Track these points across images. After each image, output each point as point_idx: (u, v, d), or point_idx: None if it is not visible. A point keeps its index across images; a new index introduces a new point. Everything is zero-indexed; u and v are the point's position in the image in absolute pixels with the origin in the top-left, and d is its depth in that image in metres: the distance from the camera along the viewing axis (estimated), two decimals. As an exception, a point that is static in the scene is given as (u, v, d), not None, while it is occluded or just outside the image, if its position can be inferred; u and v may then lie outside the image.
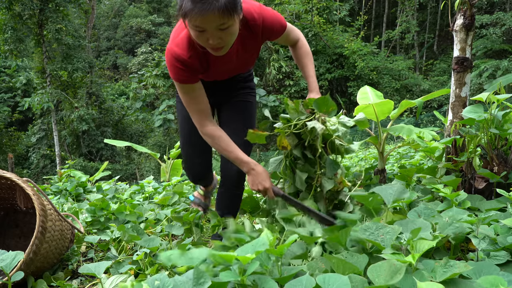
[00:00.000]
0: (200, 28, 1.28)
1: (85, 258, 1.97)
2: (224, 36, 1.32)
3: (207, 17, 1.23)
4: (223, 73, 1.74)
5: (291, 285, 0.90)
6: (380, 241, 1.09)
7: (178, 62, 1.47)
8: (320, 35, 18.90)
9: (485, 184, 1.94)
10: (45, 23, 15.77)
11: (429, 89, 18.92)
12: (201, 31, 1.29)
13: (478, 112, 1.97)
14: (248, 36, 1.55)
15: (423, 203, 1.74)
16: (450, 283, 0.90)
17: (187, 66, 1.48)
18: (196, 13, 1.22)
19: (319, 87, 19.35)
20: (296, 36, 1.76)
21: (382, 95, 3.24)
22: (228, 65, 1.64)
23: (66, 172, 4.36)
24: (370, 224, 1.16)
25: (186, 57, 1.47)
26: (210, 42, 1.32)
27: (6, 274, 1.26)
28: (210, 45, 1.35)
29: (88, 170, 15.35)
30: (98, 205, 2.40)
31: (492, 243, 1.17)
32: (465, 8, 2.25)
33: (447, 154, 2.25)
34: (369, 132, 3.32)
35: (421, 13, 25.58)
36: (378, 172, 2.97)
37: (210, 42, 1.32)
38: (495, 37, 17.29)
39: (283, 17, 1.62)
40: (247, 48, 1.61)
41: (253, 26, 1.51)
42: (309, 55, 1.80)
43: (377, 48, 21.74)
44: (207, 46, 1.37)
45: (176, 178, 3.63)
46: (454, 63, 2.33)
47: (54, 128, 16.67)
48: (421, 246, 1.01)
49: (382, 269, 0.91)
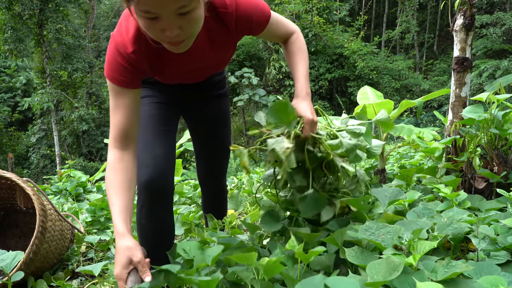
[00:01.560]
0: (151, 14, 0.94)
1: (85, 258, 1.97)
2: (185, 25, 0.99)
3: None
4: (185, 77, 1.38)
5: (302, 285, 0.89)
6: (381, 241, 1.09)
7: (120, 56, 1.12)
8: (320, 35, 18.90)
9: (485, 184, 1.94)
10: (45, 23, 15.76)
11: (429, 89, 18.93)
12: (153, 18, 0.95)
13: (478, 112, 1.97)
14: (218, 28, 1.19)
15: (422, 203, 1.74)
16: (450, 283, 0.90)
17: (130, 63, 1.13)
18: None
19: (319, 87, 19.12)
20: (288, 29, 1.36)
21: (382, 95, 3.24)
22: (189, 65, 1.27)
23: (66, 172, 4.36)
24: (370, 223, 1.15)
25: (130, 51, 1.12)
26: (167, 34, 0.99)
27: (6, 274, 1.26)
28: (167, 38, 1.01)
29: (88, 170, 15.34)
30: (98, 205, 2.40)
31: (492, 243, 1.17)
32: (465, 8, 2.25)
33: (447, 154, 2.25)
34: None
35: (421, 13, 25.58)
36: (378, 172, 2.97)
37: (167, 34, 0.99)
38: (495, 37, 17.28)
39: (267, 5, 1.24)
40: (216, 45, 1.23)
41: (223, 15, 1.16)
42: (302, 52, 1.38)
43: (377, 48, 21.74)
44: (162, 39, 1.03)
45: (176, 178, 3.63)
46: (454, 63, 2.33)
47: (54, 128, 16.66)
48: (421, 247, 1.01)
49: (381, 267, 0.91)
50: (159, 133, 1.38)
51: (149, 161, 1.29)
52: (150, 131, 1.37)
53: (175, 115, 1.52)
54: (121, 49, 1.12)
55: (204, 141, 1.68)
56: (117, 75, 1.14)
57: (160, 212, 1.33)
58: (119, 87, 1.14)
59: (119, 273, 1.02)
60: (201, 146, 1.70)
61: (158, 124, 1.40)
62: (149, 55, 1.16)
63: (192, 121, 1.66)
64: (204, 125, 1.64)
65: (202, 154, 1.71)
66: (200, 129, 1.66)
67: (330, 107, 19.05)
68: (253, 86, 17.51)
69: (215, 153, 1.69)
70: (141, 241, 1.35)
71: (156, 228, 1.33)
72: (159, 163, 1.29)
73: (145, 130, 1.35)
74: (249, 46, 18.73)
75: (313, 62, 19.23)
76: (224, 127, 1.66)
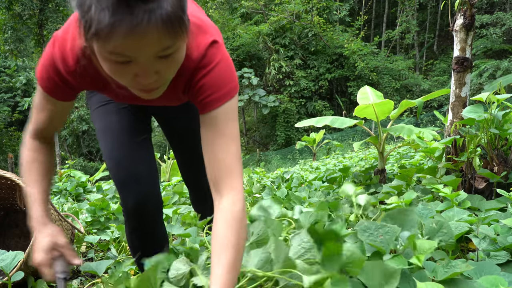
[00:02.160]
0: (124, 57, 0.72)
1: (85, 258, 1.97)
2: (164, 69, 0.78)
3: (143, 39, 0.68)
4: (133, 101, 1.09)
5: None
6: (380, 242, 1.08)
7: (54, 70, 0.92)
8: (320, 35, 18.91)
9: (485, 184, 1.94)
10: (45, 23, 15.77)
11: (429, 89, 18.94)
12: (125, 62, 0.73)
13: (478, 112, 1.97)
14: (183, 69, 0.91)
15: (422, 203, 1.74)
16: (451, 282, 0.90)
17: (64, 81, 0.94)
18: (124, 33, 0.66)
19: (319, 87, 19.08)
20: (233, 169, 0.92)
21: (382, 95, 3.24)
22: (140, 100, 1.02)
23: (66, 172, 4.36)
24: (369, 224, 1.15)
25: (69, 69, 0.91)
26: (141, 81, 0.78)
27: (6, 274, 1.26)
28: (138, 85, 0.80)
29: (88, 170, 15.35)
30: (98, 205, 2.40)
31: (492, 243, 1.17)
32: (465, 8, 2.25)
33: (447, 154, 2.25)
34: (369, 132, 3.32)
35: (421, 13, 25.58)
36: (378, 172, 2.97)
37: (141, 81, 0.78)
38: (495, 37, 17.30)
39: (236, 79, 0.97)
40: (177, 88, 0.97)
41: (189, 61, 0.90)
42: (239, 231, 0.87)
43: (377, 48, 21.76)
44: (132, 86, 0.81)
45: (176, 178, 3.63)
46: (454, 63, 2.34)
47: (54, 128, 16.67)
48: (421, 247, 1.01)
49: (374, 271, 0.89)
50: (135, 147, 1.23)
51: (132, 185, 1.17)
52: (126, 146, 1.21)
53: (146, 118, 1.34)
54: (59, 62, 0.91)
55: (179, 149, 1.52)
56: (47, 83, 0.95)
57: (154, 231, 1.28)
58: (47, 94, 0.98)
59: (42, 259, 0.94)
60: (176, 151, 1.54)
61: (132, 136, 1.24)
62: (93, 80, 0.96)
63: (164, 125, 1.47)
64: (177, 131, 1.46)
65: (178, 158, 1.57)
66: (172, 133, 1.48)
67: (330, 107, 19.07)
68: (253, 86, 17.52)
69: (192, 159, 1.51)
70: (133, 253, 1.31)
71: (152, 246, 1.28)
72: (143, 185, 1.19)
73: (121, 146, 1.21)
74: (249, 46, 18.75)
75: (313, 62, 19.24)
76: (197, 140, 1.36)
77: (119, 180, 1.18)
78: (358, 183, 3.09)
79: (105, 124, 1.24)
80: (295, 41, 18.85)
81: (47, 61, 0.94)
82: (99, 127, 1.25)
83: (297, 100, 18.32)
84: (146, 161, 1.23)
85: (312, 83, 18.61)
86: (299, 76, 18.18)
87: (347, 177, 3.40)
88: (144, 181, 1.19)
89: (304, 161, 10.07)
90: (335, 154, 9.82)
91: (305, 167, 6.69)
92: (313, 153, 8.97)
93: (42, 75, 0.96)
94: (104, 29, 0.66)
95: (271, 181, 4.72)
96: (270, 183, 4.35)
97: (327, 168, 4.89)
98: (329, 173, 3.77)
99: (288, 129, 17.80)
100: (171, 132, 1.47)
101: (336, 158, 7.87)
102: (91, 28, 0.67)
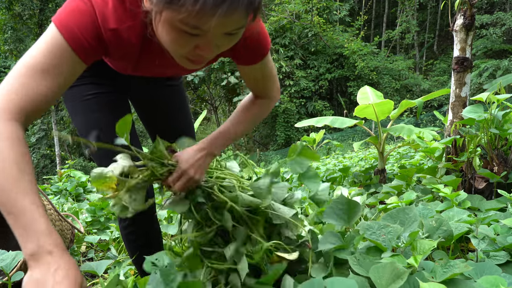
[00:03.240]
0: (196, 30, 0.71)
1: (85, 258, 1.97)
2: (224, 44, 0.79)
3: (227, 18, 0.68)
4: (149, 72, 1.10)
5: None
6: (382, 241, 1.09)
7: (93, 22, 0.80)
8: (320, 35, 18.91)
9: (485, 184, 1.94)
10: (45, 23, 15.76)
11: (429, 89, 18.95)
12: (196, 34, 0.72)
13: (478, 112, 1.97)
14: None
15: (422, 203, 1.74)
16: (450, 283, 0.90)
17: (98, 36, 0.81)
18: (212, 9, 0.66)
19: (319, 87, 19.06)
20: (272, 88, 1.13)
21: (382, 95, 3.25)
22: (167, 68, 1.05)
23: (66, 172, 4.36)
24: (372, 223, 1.15)
25: (108, 27, 0.81)
26: (200, 53, 0.77)
27: (6, 274, 1.26)
28: (195, 56, 0.79)
29: (88, 170, 15.35)
30: (98, 205, 2.40)
31: (492, 243, 1.17)
32: (465, 8, 2.25)
33: (447, 154, 2.25)
34: (369, 132, 3.32)
35: (421, 13, 25.59)
36: (378, 172, 2.97)
37: (200, 53, 0.77)
38: (495, 37, 17.30)
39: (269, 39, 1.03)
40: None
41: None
42: (256, 119, 1.14)
43: (377, 48, 21.76)
44: (185, 55, 0.79)
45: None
46: (454, 63, 2.34)
47: (54, 128, 16.66)
48: (422, 247, 1.01)
49: (384, 271, 0.90)
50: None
51: None
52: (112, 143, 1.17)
53: (128, 109, 1.29)
54: (99, 16, 0.79)
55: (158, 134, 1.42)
56: (77, 30, 0.77)
57: (151, 225, 1.27)
58: (69, 46, 0.77)
59: None
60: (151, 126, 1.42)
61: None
62: (123, 47, 0.87)
63: (143, 111, 1.40)
64: (157, 116, 1.38)
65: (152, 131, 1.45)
66: (152, 120, 1.40)
67: (330, 107, 19.07)
68: (253, 86, 17.51)
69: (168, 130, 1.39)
70: (130, 253, 1.30)
71: (147, 244, 1.27)
72: None
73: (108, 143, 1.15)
74: (249, 46, 18.72)
75: (313, 62, 19.24)
76: (179, 117, 1.39)
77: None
78: (358, 183, 3.09)
79: (90, 121, 1.17)
80: (295, 41, 18.85)
81: (81, 10, 0.78)
82: (83, 122, 1.17)
83: (297, 100, 18.32)
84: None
85: (312, 83, 18.61)
86: (299, 76, 18.18)
87: (347, 177, 3.40)
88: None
89: (304, 161, 10.03)
90: (335, 154, 9.82)
91: (305, 167, 6.66)
92: (313, 153, 8.94)
93: (69, 23, 0.77)
94: (205, 7, 0.65)
95: (271, 181, 4.71)
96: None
97: (327, 168, 4.89)
98: (329, 173, 3.77)
99: (288, 129, 17.79)
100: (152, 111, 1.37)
101: (336, 158, 7.87)
102: (187, 3, 0.65)
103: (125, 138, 0.89)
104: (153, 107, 1.36)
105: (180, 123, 1.40)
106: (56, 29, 0.77)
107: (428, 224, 1.20)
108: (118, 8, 0.81)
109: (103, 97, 1.19)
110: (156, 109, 1.36)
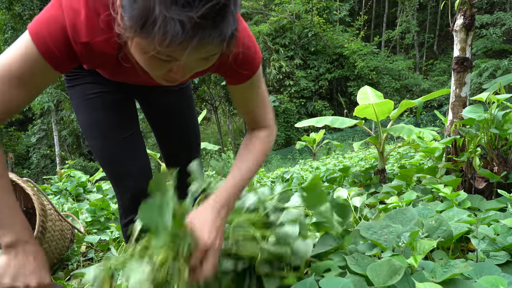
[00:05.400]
0: (171, 58, 0.71)
1: (85, 258, 1.97)
2: (200, 67, 0.78)
3: (199, 51, 0.69)
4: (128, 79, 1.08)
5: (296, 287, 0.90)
6: (383, 241, 1.09)
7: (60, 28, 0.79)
8: (320, 35, 18.91)
9: (485, 184, 1.94)
10: (45, 23, 15.79)
11: (429, 89, 18.95)
12: (170, 61, 0.72)
13: (478, 112, 1.97)
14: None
15: (422, 203, 1.74)
16: (450, 283, 0.90)
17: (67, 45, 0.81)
18: (193, 46, 0.66)
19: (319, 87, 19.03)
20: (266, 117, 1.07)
21: (382, 95, 3.24)
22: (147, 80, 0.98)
23: (66, 172, 4.36)
24: (373, 223, 1.16)
25: (79, 40, 0.80)
26: (174, 76, 0.77)
27: None
28: (170, 78, 0.79)
29: (88, 170, 15.36)
30: (98, 205, 2.40)
31: (492, 243, 1.17)
32: (465, 8, 2.25)
33: (447, 154, 2.25)
34: (369, 132, 3.32)
35: (421, 13, 25.59)
36: (378, 172, 2.97)
37: (174, 76, 0.77)
38: (495, 37, 17.30)
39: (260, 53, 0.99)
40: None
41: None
42: (261, 156, 1.05)
43: (377, 48, 21.75)
44: (160, 77, 0.79)
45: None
46: (454, 63, 2.34)
47: (54, 128, 16.67)
48: (421, 247, 1.01)
49: (381, 269, 0.91)
50: (125, 143, 1.20)
51: (126, 183, 1.20)
52: (115, 143, 1.19)
53: (132, 109, 1.27)
54: (69, 29, 0.79)
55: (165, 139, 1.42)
56: (49, 40, 0.78)
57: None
58: (40, 54, 0.79)
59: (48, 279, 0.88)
60: (162, 144, 1.44)
61: (120, 132, 1.20)
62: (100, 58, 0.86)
63: (149, 112, 1.37)
64: (161, 117, 1.37)
65: (164, 152, 1.46)
66: (157, 122, 1.39)
67: (330, 107, 19.07)
68: (253, 86, 17.49)
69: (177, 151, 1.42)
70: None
71: None
72: (137, 181, 1.20)
73: (111, 143, 1.18)
74: (249, 46, 18.71)
75: (313, 62, 19.23)
76: (185, 120, 1.38)
77: (113, 178, 1.20)
78: (358, 183, 3.09)
79: (92, 120, 1.18)
80: (295, 41, 18.85)
81: (54, 19, 0.78)
82: (86, 121, 1.19)
83: (297, 100, 18.32)
84: (136, 157, 1.23)
85: (312, 83, 18.61)
86: (299, 76, 18.17)
87: (347, 177, 3.40)
88: (138, 177, 1.20)
89: (304, 161, 10.07)
90: (335, 154, 9.82)
91: (305, 167, 6.68)
92: (313, 153, 8.97)
93: (42, 32, 0.78)
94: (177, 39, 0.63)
95: (271, 181, 4.72)
96: (270, 183, 4.36)
97: (327, 168, 4.89)
98: (329, 173, 3.77)
99: (288, 129, 17.80)
100: (154, 109, 1.37)
101: (336, 158, 7.87)
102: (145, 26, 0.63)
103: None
104: (159, 110, 1.35)
105: (188, 127, 1.40)
106: (29, 37, 0.79)
107: (428, 224, 1.20)
108: (91, 19, 0.79)
109: (107, 96, 1.20)
110: (162, 112, 1.35)
